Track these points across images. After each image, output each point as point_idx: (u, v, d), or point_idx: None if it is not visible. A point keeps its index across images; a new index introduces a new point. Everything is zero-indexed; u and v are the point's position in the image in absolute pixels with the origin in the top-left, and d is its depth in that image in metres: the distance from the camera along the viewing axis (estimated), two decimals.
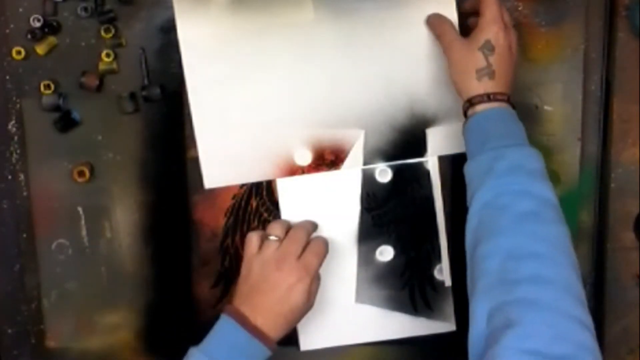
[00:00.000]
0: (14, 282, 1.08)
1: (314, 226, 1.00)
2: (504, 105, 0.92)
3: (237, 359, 0.89)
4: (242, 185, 1.05)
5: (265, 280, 0.92)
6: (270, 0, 0.99)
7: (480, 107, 0.91)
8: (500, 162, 0.87)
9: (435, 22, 0.99)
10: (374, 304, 1.07)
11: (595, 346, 0.76)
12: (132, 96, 1.03)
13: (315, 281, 0.94)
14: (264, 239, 0.96)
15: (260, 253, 0.94)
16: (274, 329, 0.91)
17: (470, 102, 0.92)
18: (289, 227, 0.98)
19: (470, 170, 0.90)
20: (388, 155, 1.04)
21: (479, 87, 0.92)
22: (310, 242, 0.96)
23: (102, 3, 1.01)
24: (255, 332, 0.90)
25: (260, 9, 0.99)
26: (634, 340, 1.10)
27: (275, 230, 0.96)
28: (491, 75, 0.91)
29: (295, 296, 0.91)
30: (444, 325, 1.08)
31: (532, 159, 0.88)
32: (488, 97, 0.91)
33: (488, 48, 0.92)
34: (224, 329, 0.91)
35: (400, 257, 1.07)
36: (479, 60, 0.92)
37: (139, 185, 1.04)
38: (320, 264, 0.94)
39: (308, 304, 0.93)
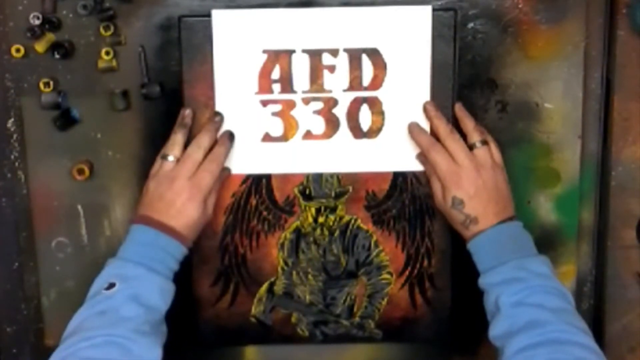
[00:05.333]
0: (14, 280, 1.08)
1: (210, 140, 1.00)
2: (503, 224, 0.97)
3: (151, 255, 0.94)
4: (242, 184, 1.05)
5: (160, 198, 0.96)
6: None
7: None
8: (522, 271, 0.94)
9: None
10: None
11: None
12: (125, 94, 1.03)
13: (211, 195, 0.99)
14: (162, 159, 0.99)
15: (157, 173, 0.98)
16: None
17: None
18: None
19: (489, 280, 0.96)
20: None
21: (469, 232, 0.98)
22: (205, 160, 0.98)
23: (102, 1, 1.01)
24: (163, 228, 0.95)
25: None
26: (635, 338, 1.10)
27: (172, 151, 0.98)
28: (475, 221, 0.97)
29: (189, 212, 0.96)
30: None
31: (546, 266, 0.96)
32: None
33: (458, 203, 0.97)
34: (132, 233, 0.96)
35: (400, 254, 1.07)
36: (457, 217, 0.98)
37: (138, 183, 1.04)
38: (213, 181, 0.98)
39: (205, 216, 0.98)
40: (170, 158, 0.98)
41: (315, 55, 1.01)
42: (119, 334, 0.87)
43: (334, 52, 1.01)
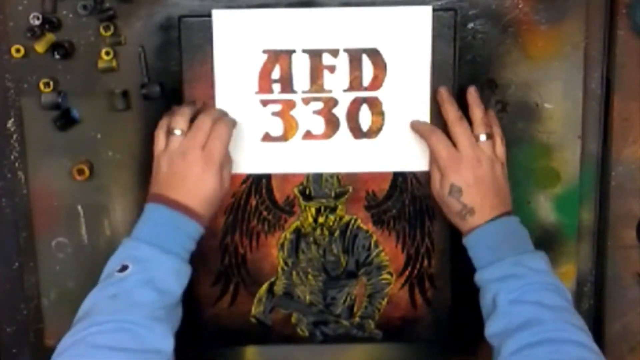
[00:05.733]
0: (13, 280, 1.08)
1: (219, 111, 0.99)
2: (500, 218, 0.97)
3: (165, 235, 0.92)
4: (242, 184, 1.05)
5: (174, 174, 0.94)
6: None
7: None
8: (519, 267, 0.93)
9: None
10: None
11: None
12: (125, 94, 1.03)
13: (225, 166, 0.97)
14: (169, 134, 0.97)
15: (166, 149, 0.96)
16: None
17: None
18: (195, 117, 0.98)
19: (486, 277, 0.95)
20: None
21: (465, 225, 0.97)
22: (213, 128, 0.96)
23: (102, 1, 1.01)
24: (178, 207, 0.93)
25: None
26: (635, 338, 1.10)
27: (179, 124, 0.96)
28: (471, 212, 0.96)
29: (206, 184, 0.94)
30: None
31: (544, 262, 0.96)
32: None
33: (456, 191, 0.96)
34: (147, 212, 0.94)
35: (400, 254, 1.07)
36: (454, 206, 0.97)
37: (138, 183, 1.04)
38: (224, 147, 0.96)
39: (222, 188, 0.96)
40: (178, 132, 0.95)
41: (315, 55, 1.01)
42: (130, 319, 0.86)
43: (334, 52, 1.01)
